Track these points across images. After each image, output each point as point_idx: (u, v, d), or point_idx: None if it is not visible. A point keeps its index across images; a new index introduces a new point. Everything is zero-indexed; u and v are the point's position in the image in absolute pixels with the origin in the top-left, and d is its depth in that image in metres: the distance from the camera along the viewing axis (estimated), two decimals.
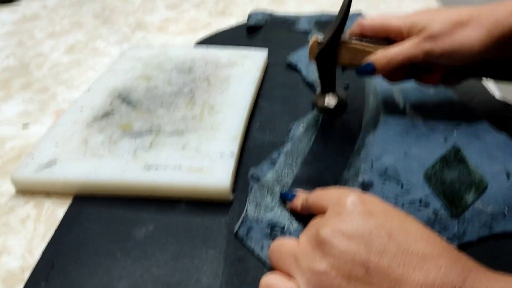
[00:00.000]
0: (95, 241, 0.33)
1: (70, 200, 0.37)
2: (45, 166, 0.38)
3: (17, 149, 0.44)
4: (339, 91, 0.48)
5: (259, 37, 0.68)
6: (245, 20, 0.74)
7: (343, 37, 0.43)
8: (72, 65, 0.62)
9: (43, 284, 0.30)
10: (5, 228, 0.35)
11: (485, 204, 0.34)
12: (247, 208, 0.35)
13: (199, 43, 0.67)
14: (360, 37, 0.44)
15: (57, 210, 0.36)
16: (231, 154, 0.39)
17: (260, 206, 0.35)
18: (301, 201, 0.32)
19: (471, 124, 0.44)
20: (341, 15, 0.41)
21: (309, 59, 0.45)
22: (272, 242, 0.31)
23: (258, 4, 0.85)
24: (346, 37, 0.44)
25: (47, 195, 0.38)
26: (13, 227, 0.35)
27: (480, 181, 0.36)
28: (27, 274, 0.31)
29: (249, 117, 0.47)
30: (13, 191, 0.38)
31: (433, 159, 0.39)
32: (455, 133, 0.42)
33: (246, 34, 0.70)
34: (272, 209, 0.35)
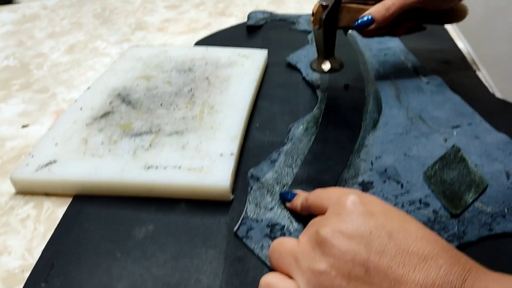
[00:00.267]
0: (95, 241, 0.33)
1: (69, 200, 0.37)
2: (45, 166, 0.38)
3: (17, 149, 0.44)
4: (337, 56, 0.51)
5: (259, 37, 0.68)
6: (245, 20, 0.74)
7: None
8: (72, 65, 0.62)
9: (43, 284, 0.30)
10: (5, 228, 0.35)
11: (485, 204, 0.34)
12: (247, 208, 0.35)
13: (199, 43, 0.67)
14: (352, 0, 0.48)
15: (57, 210, 0.36)
16: (231, 154, 0.39)
17: (260, 206, 0.35)
18: (300, 201, 0.32)
19: (471, 124, 0.44)
20: None
21: (312, 26, 0.47)
22: (271, 242, 0.31)
23: (258, 4, 0.85)
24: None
25: (47, 195, 0.38)
26: (13, 227, 0.35)
27: (480, 181, 0.36)
28: (27, 274, 0.31)
29: (249, 117, 0.47)
30: (13, 191, 0.38)
31: (433, 159, 0.39)
32: (455, 133, 0.43)
33: (246, 34, 0.70)
34: (271, 209, 0.35)
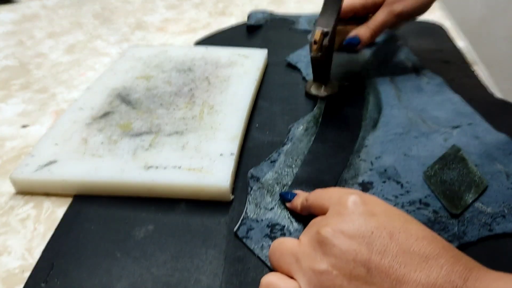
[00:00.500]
0: (95, 241, 0.33)
1: (69, 200, 0.37)
2: (45, 166, 0.38)
3: (17, 149, 0.44)
4: (333, 79, 0.52)
5: (259, 37, 0.68)
6: (245, 20, 0.74)
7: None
8: (71, 65, 0.61)
9: (43, 284, 0.30)
10: (5, 228, 0.35)
11: (485, 204, 0.34)
12: (247, 208, 0.35)
13: (199, 43, 0.67)
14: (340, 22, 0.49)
15: (56, 210, 0.36)
16: (231, 154, 0.39)
17: (260, 206, 0.35)
18: (300, 201, 0.32)
19: (471, 124, 0.44)
20: (334, 2, 0.46)
21: (314, 54, 0.46)
22: (272, 242, 0.31)
23: (258, 4, 0.85)
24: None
25: (47, 195, 0.38)
26: (13, 227, 0.35)
27: (480, 181, 0.36)
28: (27, 274, 0.31)
29: (249, 117, 0.47)
30: (13, 191, 0.38)
31: (433, 159, 0.39)
32: (455, 133, 0.43)
33: (246, 34, 0.70)
34: (272, 209, 0.35)
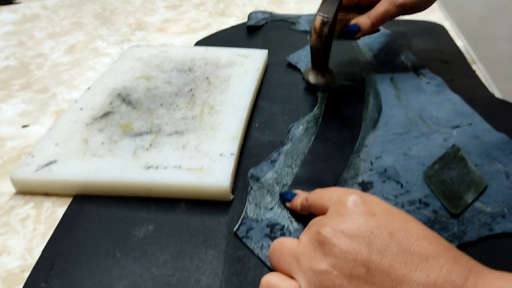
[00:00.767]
0: (95, 240, 0.33)
1: (70, 200, 0.37)
2: (45, 166, 0.38)
3: (17, 149, 0.44)
4: (331, 67, 0.52)
5: (259, 37, 0.68)
6: (245, 20, 0.74)
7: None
8: (72, 65, 0.61)
9: (43, 284, 0.30)
10: (5, 228, 0.35)
11: (484, 204, 0.34)
12: (247, 208, 0.35)
13: (199, 43, 0.67)
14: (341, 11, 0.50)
15: (57, 210, 0.36)
16: (231, 154, 0.39)
17: (260, 206, 0.35)
18: (300, 201, 0.32)
19: (471, 124, 0.44)
20: None
21: (313, 41, 0.46)
22: (271, 242, 0.31)
23: (258, 4, 0.85)
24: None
25: (47, 195, 0.38)
26: (13, 227, 0.35)
27: (480, 181, 0.36)
28: (27, 274, 0.31)
29: (249, 117, 0.47)
30: (13, 191, 0.38)
31: (433, 159, 0.39)
32: (455, 133, 0.43)
33: (246, 34, 0.70)
34: (271, 209, 0.35)
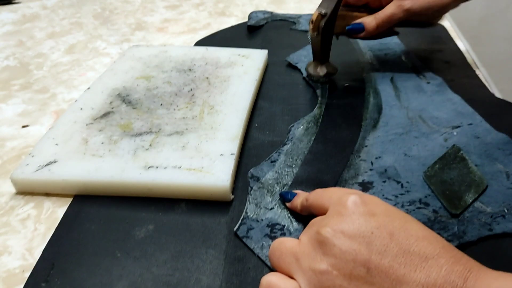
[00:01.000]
0: (95, 241, 0.33)
1: (70, 200, 0.37)
2: (45, 166, 0.38)
3: (17, 149, 0.44)
4: (331, 61, 0.53)
5: (259, 37, 0.68)
6: (245, 20, 0.74)
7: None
8: (72, 65, 0.61)
9: (43, 284, 0.30)
10: (5, 228, 0.35)
11: (485, 204, 0.34)
12: (247, 208, 0.35)
13: (199, 43, 0.67)
14: (345, 7, 0.51)
15: (57, 210, 0.36)
16: (231, 154, 0.39)
17: (260, 206, 0.35)
18: (300, 201, 0.32)
19: (471, 124, 0.44)
20: None
21: (311, 32, 0.49)
22: (272, 241, 0.31)
23: (258, 4, 0.85)
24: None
25: (47, 195, 0.38)
26: (13, 227, 0.35)
27: (480, 181, 0.36)
28: (27, 274, 0.31)
29: (249, 117, 0.47)
30: (13, 191, 0.38)
31: (433, 159, 0.39)
32: (455, 133, 0.43)
33: (246, 34, 0.70)
34: (272, 209, 0.35)
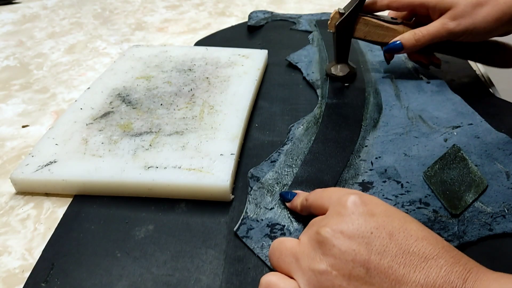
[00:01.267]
0: (95, 241, 0.33)
1: (70, 200, 0.37)
2: (45, 166, 0.38)
3: (17, 149, 0.44)
4: (350, 63, 0.53)
5: (260, 37, 0.68)
6: (245, 20, 0.74)
7: (361, 12, 0.49)
8: (72, 65, 0.61)
9: (43, 284, 0.30)
10: (5, 228, 0.35)
11: (485, 204, 0.34)
12: (247, 208, 0.35)
13: (199, 43, 0.67)
14: (371, 15, 0.50)
15: (57, 210, 0.36)
16: (231, 154, 0.39)
17: (260, 206, 0.35)
18: (300, 201, 0.32)
19: (471, 124, 0.44)
20: None
21: (328, 29, 0.50)
22: (272, 241, 0.31)
23: (258, 4, 0.85)
24: (361, 12, 0.49)
25: (47, 195, 0.38)
26: (13, 227, 0.35)
27: (480, 181, 0.36)
28: (27, 274, 0.31)
29: (249, 117, 0.47)
30: (13, 191, 0.38)
31: (433, 159, 0.39)
32: (455, 133, 0.43)
33: (246, 34, 0.70)
34: (272, 209, 0.35)
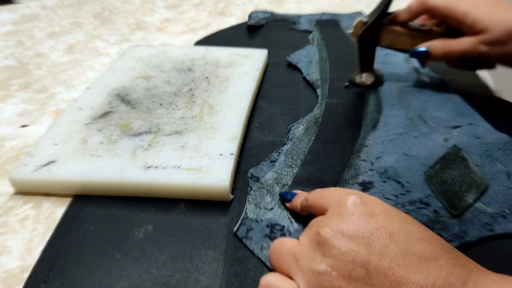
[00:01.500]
0: (94, 241, 0.33)
1: (69, 200, 0.37)
2: (44, 166, 0.38)
3: (16, 149, 0.44)
4: (376, 70, 0.52)
5: (259, 37, 0.68)
6: (245, 20, 0.74)
7: (385, 20, 0.47)
8: (71, 65, 0.61)
9: (42, 284, 0.30)
10: (4, 228, 0.35)
11: (485, 204, 0.34)
12: (247, 208, 0.35)
13: (199, 43, 0.67)
14: (399, 23, 0.48)
15: (56, 210, 0.36)
16: (231, 154, 0.39)
17: (259, 206, 0.35)
18: (300, 201, 0.32)
19: (471, 124, 0.44)
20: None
21: (351, 37, 0.49)
22: (271, 242, 0.31)
23: (258, 4, 0.85)
24: (386, 20, 0.48)
25: (46, 195, 0.38)
26: (12, 227, 0.35)
27: (480, 181, 0.36)
28: (26, 274, 0.30)
29: (249, 117, 0.47)
30: (12, 191, 0.38)
31: (434, 159, 0.39)
32: (455, 133, 0.42)
33: (246, 34, 0.70)
34: (271, 209, 0.35)
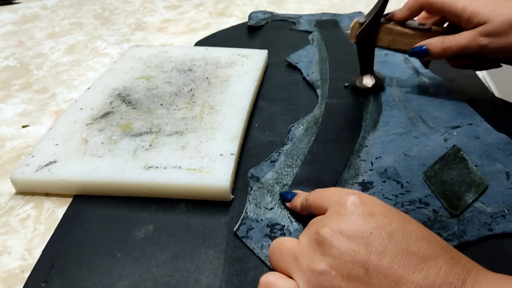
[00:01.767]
0: (95, 241, 0.33)
1: (70, 200, 0.37)
2: (45, 166, 0.38)
3: (17, 149, 0.44)
4: (377, 73, 0.51)
5: (259, 37, 0.68)
6: (245, 20, 0.74)
7: (382, 20, 0.47)
8: (72, 65, 0.62)
9: (43, 284, 0.30)
10: (5, 228, 0.35)
11: (485, 204, 0.34)
12: (247, 208, 0.35)
13: (199, 43, 0.67)
14: (397, 22, 0.47)
15: (56, 210, 0.36)
16: (231, 154, 0.39)
17: (260, 206, 0.35)
18: (300, 201, 0.32)
19: (471, 124, 0.44)
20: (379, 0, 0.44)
21: (349, 40, 0.49)
22: (271, 241, 0.31)
23: (258, 4, 0.85)
24: (383, 20, 0.47)
25: (47, 195, 0.38)
26: (13, 227, 0.35)
27: (480, 182, 0.36)
28: (27, 274, 0.31)
29: (249, 117, 0.47)
30: (13, 191, 0.38)
31: (433, 159, 0.39)
32: (455, 133, 0.42)
33: (246, 34, 0.70)
34: (271, 209, 0.35)
